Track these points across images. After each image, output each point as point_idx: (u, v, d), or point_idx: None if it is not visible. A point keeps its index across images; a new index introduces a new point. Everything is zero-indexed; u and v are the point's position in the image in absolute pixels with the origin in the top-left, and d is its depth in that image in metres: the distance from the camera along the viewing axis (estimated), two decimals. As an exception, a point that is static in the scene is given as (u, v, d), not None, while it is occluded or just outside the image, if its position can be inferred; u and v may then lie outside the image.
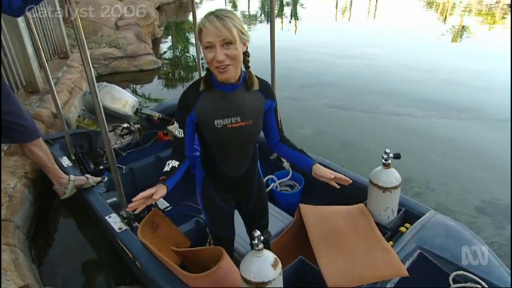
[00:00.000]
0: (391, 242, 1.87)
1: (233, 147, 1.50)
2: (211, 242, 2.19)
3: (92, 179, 2.59)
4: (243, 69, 1.44)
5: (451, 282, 1.61)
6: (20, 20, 3.82)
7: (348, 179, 1.50)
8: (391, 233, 1.98)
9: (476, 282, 1.59)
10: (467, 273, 1.61)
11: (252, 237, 1.33)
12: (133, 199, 1.32)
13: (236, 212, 1.82)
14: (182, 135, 1.46)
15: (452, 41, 9.16)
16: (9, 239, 2.22)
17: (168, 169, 1.46)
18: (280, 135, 1.64)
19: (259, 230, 1.35)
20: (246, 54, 1.40)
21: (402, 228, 2.00)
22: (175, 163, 1.47)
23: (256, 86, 1.46)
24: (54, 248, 2.65)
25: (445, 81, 5.98)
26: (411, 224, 1.98)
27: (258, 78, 1.49)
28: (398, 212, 2.06)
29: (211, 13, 1.31)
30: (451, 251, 1.75)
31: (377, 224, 1.98)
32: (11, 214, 2.41)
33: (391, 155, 1.95)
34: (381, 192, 1.95)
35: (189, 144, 1.50)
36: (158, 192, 1.36)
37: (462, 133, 4.25)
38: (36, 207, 2.82)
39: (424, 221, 1.95)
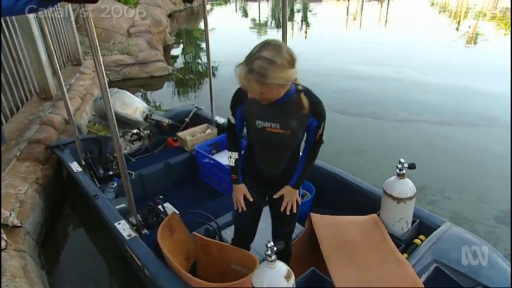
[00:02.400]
0: (405, 255, 1.81)
1: (271, 149, 1.59)
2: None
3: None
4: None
5: (470, 298, 1.54)
6: (35, 29, 3.90)
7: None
8: (405, 245, 1.92)
9: (497, 298, 1.52)
10: (486, 289, 1.54)
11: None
12: (238, 208, 1.72)
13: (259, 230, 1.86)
14: (234, 122, 1.62)
15: (466, 42, 9.01)
16: (19, 245, 2.22)
17: (233, 163, 1.68)
18: (312, 145, 1.60)
19: (275, 240, 1.33)
20: (297, 84, 1.42)
21: (417, 241, 1.94)
22: (235, 154, 1.68)
23: (306, 111, 1.44)
24: (64, 255, 2.65)
25: (460, 88, 5.87)
26: (426, 236, 1.91)
27: (311, 97, 1.46)
28: (412, 224, 2.00)
29: (251, 60, 1.28)
30: (469, 265, 1.67)
31: (390, 235, 1.92)
32: (21, 220, 2.41)
33: (405, 165, 1.89)
34: (395, 203, 1.89)
35: (240, 129, 1.65)
36: (247, 193, 1.70)
37: (478, 140, 4.14)
38: (47, 214, 2.84)
39: (440, 233, 1.88)
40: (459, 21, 12.59)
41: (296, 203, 1.69)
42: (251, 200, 1.70)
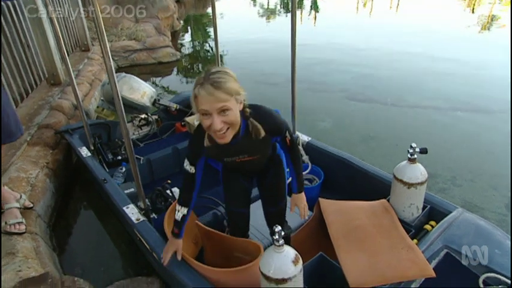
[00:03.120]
0: (415, 240, 1.79)
1: (245, 168, 1.67)
2: (229, 234, 2.18)
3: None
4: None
5: (481, 285, 1.51)
6: (43, 13, 3.88)
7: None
8: (416, 230, 1.89)
9: (509, 285, 1.49)
10: (499, 276, 1.51)
11: (272, 232, 1.30)
12: (164, 261, 1.65)
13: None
14: (193, 171, 1.57)
15: (481, 29, 8.76)
16: (31, 227, 2.26)
17: (179, 219, 1.65)
18: (287, 151, 1.65)
19: (279, 223, 1.33)
20: (245, 106, 1.41)
21: (427, 226, 1.91)
22: (184, 210, 1.64)
23: (261, 134, 1.44)
24: (75, 238, 2.69)
25: (473, 74, 5.73)
26: (437, 222, 1.88)
27: (262, 117, 1.45)
28: (423, 209, 1.97)
29: (206, 78, 1.28)
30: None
31: (400, 221, 1.89)
32: (33, 203, 2.44)
33: (417, 149, 1.85)
34: (406, 188, 1.86)
35: (199, 176, 1.61)
36: (179, 251, 1.66)
37: (491, 127, 4.04)
38: (57, 197, 2.88)
39: (451, 219, 1.85)
40: (474, 8, 12.21)
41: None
42: (179, 259, 1.66)
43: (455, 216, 1.86)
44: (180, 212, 1.63)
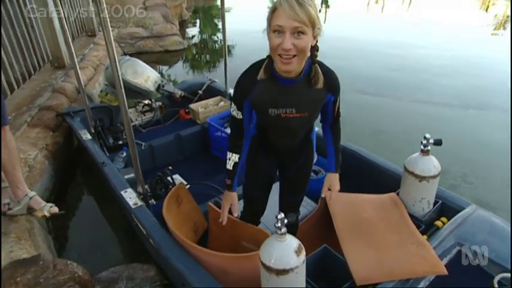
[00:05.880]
0: (425, 236, 1.69)
1: (285, 132, 1.48)
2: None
3: (47, 208, 2.06)
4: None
5: (496, 285, 1.42)
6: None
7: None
8: (426, 226, 1.80)
9: (526, 286, 1.39)
10: (515, 277, 1.42)
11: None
12: (222, 220, 1.58)
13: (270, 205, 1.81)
14: (241, 116, 1.43)
15: (494, 29, 8.55)
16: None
17: (231, 168, 1.50)
18: (332, 121, 1.55)
19: (283, 209, 1.24)
20: (315, 48, 1.30)
21: (438, 223, 1.81)
22: (235, 157, 1.50)
23: (320, 85, 1.34)
24: (72, 222, 2.63)
25: (486, 70, 5.57)
26: (448, 219, 1.78)
27: (324, 70, 1.36)
28: (434, 205, 1.87)
29: None
30: (496, 250, 1.55)
31: (410, 215, 1.80)
32: (30, 184, 2.37)
33: (431, 140, 1.76)
34: (417, 181, 1.76)
35: (248, 124, 1.48)
36: (234, 205, 1.56)
37: (505, 125, 3.91)
38: (56, 180, 2.81)
39: (464, 215, 1.75)
40: (487, 7, 11.94)
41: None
42: (236, 214, 1.58)
43: (468, 212, 1.76)
44: (232, 160, 1.48)
